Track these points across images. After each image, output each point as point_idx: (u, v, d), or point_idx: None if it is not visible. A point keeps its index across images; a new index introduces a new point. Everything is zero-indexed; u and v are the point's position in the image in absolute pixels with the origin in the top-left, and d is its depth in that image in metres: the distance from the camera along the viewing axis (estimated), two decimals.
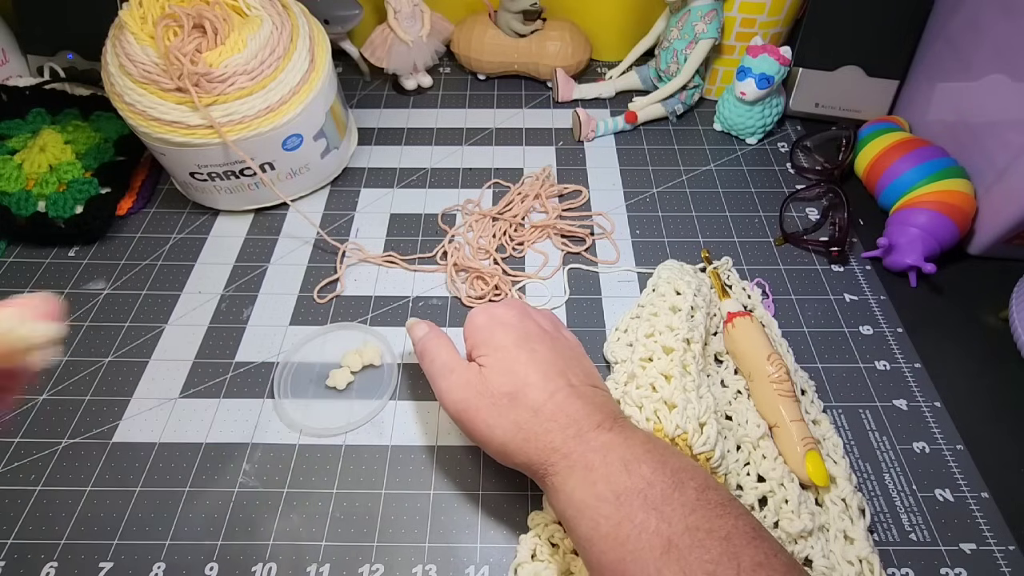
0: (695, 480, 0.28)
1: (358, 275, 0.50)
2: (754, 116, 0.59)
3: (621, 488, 0.28)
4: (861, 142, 0.56)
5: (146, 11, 0.46)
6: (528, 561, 0.34)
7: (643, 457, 0.29)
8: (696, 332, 0.41)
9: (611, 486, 0.28)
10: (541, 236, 0.53)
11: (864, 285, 0.49)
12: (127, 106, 0.47)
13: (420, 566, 0.35)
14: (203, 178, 0.51)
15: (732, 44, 0.61)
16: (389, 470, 0.39)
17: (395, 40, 0.64)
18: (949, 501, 0.38)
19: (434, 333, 0.38)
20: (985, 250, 0.50)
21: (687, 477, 0.28)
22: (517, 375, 0.33)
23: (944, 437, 0.40)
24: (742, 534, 0.26)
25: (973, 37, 0.51)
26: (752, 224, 0.54)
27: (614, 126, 0.62)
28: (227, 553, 0.36)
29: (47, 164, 0.52)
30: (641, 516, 0.27)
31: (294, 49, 0.49)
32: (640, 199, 0.56)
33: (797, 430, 0.37)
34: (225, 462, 0.39)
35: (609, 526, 0.27)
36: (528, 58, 0.66)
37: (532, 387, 0.32)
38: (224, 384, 0.43)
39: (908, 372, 0.44)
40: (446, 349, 0.36)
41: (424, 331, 0.38)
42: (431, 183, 0.58)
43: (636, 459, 0.29)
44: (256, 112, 0.47)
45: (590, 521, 0.28)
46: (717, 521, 0.26)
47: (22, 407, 0.42)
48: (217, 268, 0.51)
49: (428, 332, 0.38)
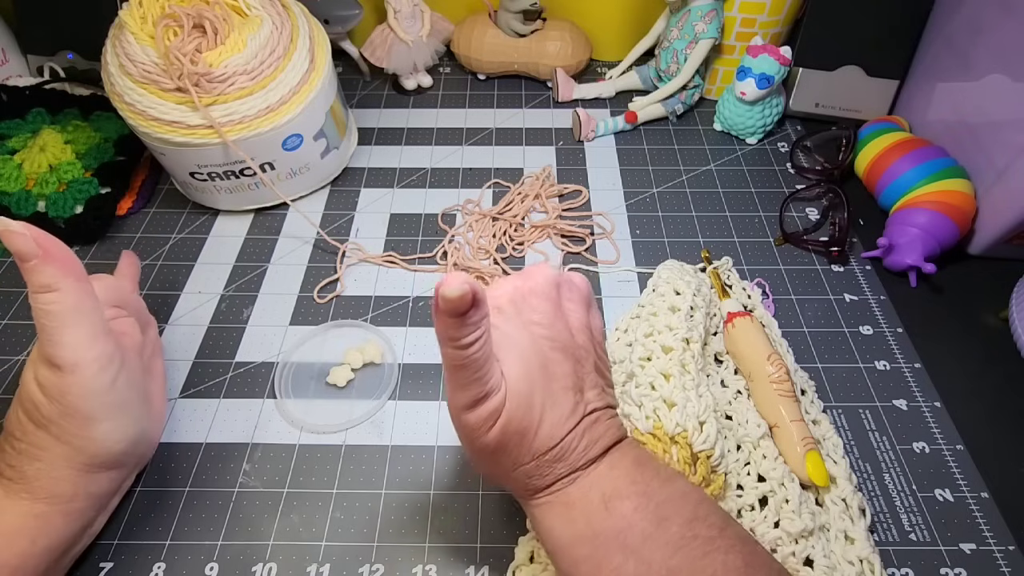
0: (681, 514, 0.26)
1: (358, 275, 0.50)
2: (754, 116, 0.59)
3: (599, 528, 0.26)
4: (861, 142, 0.56)
5: (146, 11, 0.46)
6: (526, 564, 0.34)
7: (626, 491, 0.27)
8: (695, 332, 0.41)
9: (590, 526, 0.27)
10: (541, 236, 0.53)
11: (864, 285, 0.49)
12: (127, 106, 0.47)
13: (420, 566, 0.35)
14: (203, 178, 0.51)
15: (732, 44, 0.61)
16: (389, 470, 0.39)
17: (395, 40, 0.64)
18: (949, 501, 0.38)
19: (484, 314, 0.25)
20: (985, 250, 0.50)
21: (672, 512, 0.26)
22: (533, 412, 0.27)
23: (944, 437, 0.40)
24: (731, 571, 0.25)
25: (973, 37, 0.51)
26: (752, 224, 0.54)
27: (614, 126, 0.62)
28: (227, 553, 0.36)
29: (47, 164, 0.52)
30: (619, 559, 0.25)
31: (294, 49, 0.49)
32: (640, 199, 0.56)
33: (797, 430, 0.37)
34: (225, 462, 0.39)
35: (588, 567, 0.26)
36: (528, 58, 0.66)
37: (543, 429, 0.27)
38: (224, 384, 0.43)
39: (908, 372, 0.44)
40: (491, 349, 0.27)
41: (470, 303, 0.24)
42: (431, 183, 0.58)
43: (617, 494, 0.27)
44: (256, 112, 0.47)
45: (569, 561, 0.27)
46: (701, 561, 0.25)
47: None
48: (217, 268, 0.51)
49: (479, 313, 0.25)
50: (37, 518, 0.31)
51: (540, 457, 0.28)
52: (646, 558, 0.25)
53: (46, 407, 0.30)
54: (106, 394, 0.31)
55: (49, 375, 0.29)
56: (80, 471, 0.32)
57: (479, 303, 0.24)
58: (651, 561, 0.25)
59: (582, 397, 0.29)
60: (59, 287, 0.29)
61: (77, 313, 0.30)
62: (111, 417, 0.32)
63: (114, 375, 0.32)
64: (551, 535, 0.28)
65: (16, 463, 0.30)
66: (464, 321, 0.24)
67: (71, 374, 0.30)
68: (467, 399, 0.26)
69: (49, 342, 0.29)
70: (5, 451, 0.31)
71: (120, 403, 0.33)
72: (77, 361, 0.30)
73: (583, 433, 0.28)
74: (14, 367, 0.44)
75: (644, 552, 0.25)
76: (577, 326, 0.30)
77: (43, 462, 0.30)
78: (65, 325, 0.29)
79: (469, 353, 0.25)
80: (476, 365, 0.25)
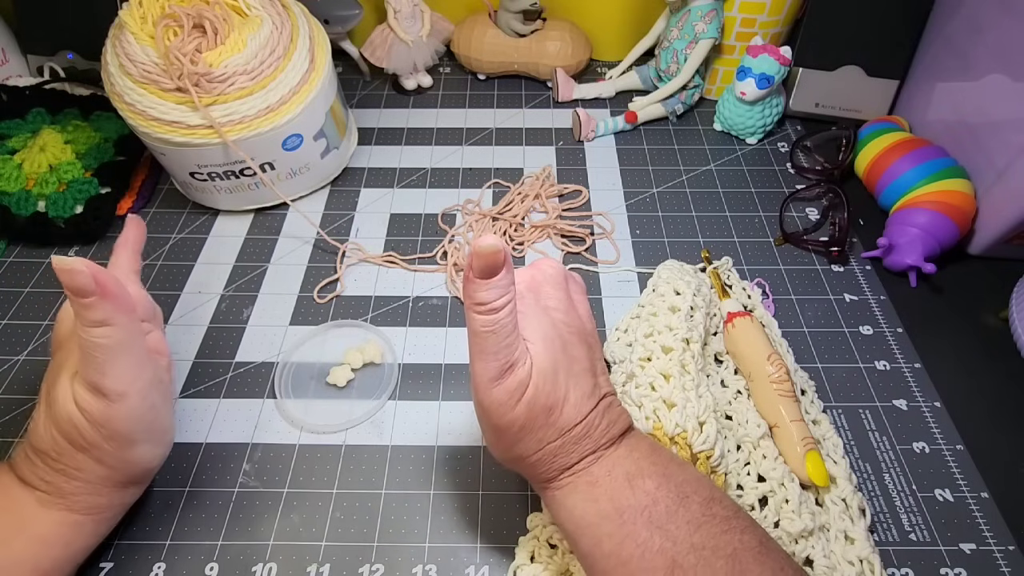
0: (700, 494, 0.27)
1: (358, 275, 0.50)
2: (754, 116, 0.59)
3: (624, 505, 0.27)
4: (861, 142, 0.56)
5: (146, 11, 0.46)
6: (527, 564, 0.34)
7: (648, 471, 0.28)
8: (695, 332, 0.41)
9: (614, 503, 0.27)
10: (541, 236, 0.53)
11: (864, 285, 0.49)
12: (127, 106, 0.47)
13: (420, 566, 0.35)
14: (203, 178, 0.51)
15: (732, 44, 0.61)
16: (389, 470, 0.39)
17: (395, 40, 0.64)
18: (949, 501, 0.38)
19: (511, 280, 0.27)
20: (985, 250, 0.50)
21: (691, 491, 0.27)
22: (559, 388, 0.28)
23: (944, 437, 0.40)
24: (748, 550, 0.26)
25: (973, 37, 0.51)
26: (752, 224, 0.54)
27: (614, 126, 0.62)
28: (227, 553, 0.36)
29: (47, 164, 0.52)
30: (645, 535, 0.26)
31: (294, 49, 0.49)
32: (640, 199, 0.56)
33: (797, 430, 0.37)
34: (225, 462, 0.39)
35: (612, 544, 0.27)
36: (528, 58, 0.66)
37: (569, 405, 0.28)
38: (224, 384, 0.43)
39: (908, 372, 0.44)
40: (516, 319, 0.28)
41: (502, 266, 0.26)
42: (431, 183, 0.58)
43: (640, 473, 0.28)
44: (256, 112, 0.47)
45: (592, 539, 0.27)
46: (723, 538, 0.26)
47: (22, 407, 0.42)
48: (217, 268, 0.51)
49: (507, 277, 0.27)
50: (72, 526, 0.31)
51: (567, 433, 0.28)
52: (672, 534, 0.26)
53: (89, 433, 0.30)
54: (147, 418, 0.32)
55: (94, 402, 0.30)
56: (116, 487, 0.33)
57: (509, 266, 0.26)
58: (676, 537, 0.26)
59: (598, 381, 0.30)
60: (113, 322, 0.29)
61: (127, 346, 0.30)
62: (150, 439, 0.33)
63: (154, 399, 0.32)
64: (573, 514, 0.28)
65: (52, 479, 0.31)
66: (496, 283, 0.26)
67: (117, 403, 0.30)
68: (495, 369, 0.27)
69: (97, 372, 0.29)
70: (37, 466, 0.31)
71: (157, 423, 0.33)
72: (124, 391, 0.30)
73: (603, 412, 0.29)
74: (14, 367, 0.44)
75: (670, 527, 0.26)
76: (585, 315, 0.32)
77: (81, 481, 0.31)
78: (115, 357, 0.29)
79: (499, 317, 0.26)
80: (505, 331, 0.27)
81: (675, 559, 0.25)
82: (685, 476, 0.28)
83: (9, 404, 0.42)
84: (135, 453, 0.32)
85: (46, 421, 0.30)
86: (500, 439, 0.29)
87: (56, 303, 0.48)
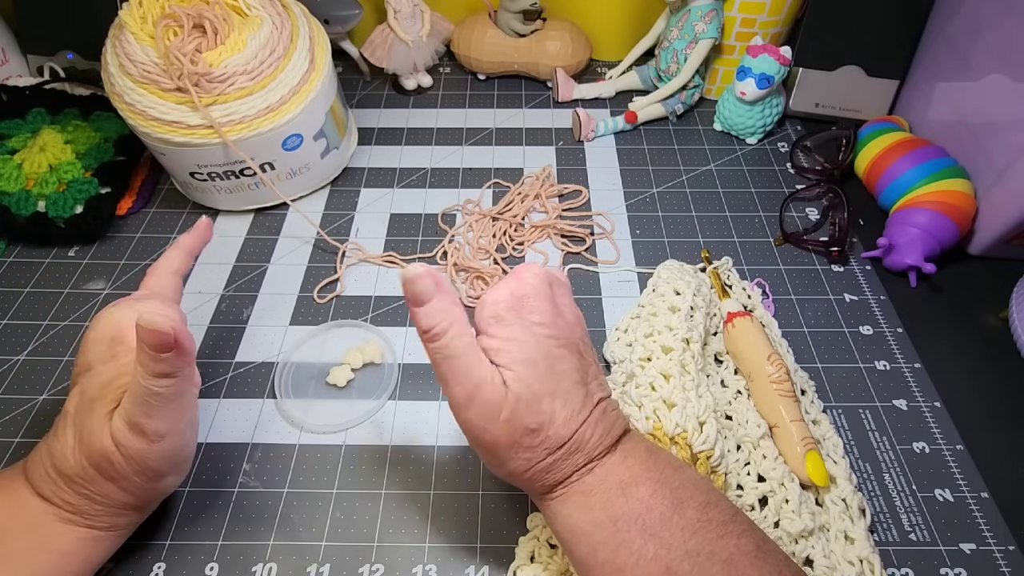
0: (696, 499, 0.27)
1: (358, 275, 0.50)
2: (754, 116, 0.59)
3: (618, 513, 0.27)
4: (861, 142, 0.56)
5: (146, 11, 0.46)
6: (527, 564, 0.34)
7: (642, 478, 0.28)
8: (695, 332, 0.41)
9: (608, 511, 0.27)
10: (541, 236, 0.53)
11: (864, 285, 0.49)
12: (127, 106, 0.47)
13: (420, 566, 0.35)
14: (203, 178, 0.51)
15: (732, 44, 0.61)
16: (389, 470, 0.39)
17: (395, 40, 0.64)
18: (949, 501, 0.38)
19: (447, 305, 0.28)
20: (985, 250, 0.50)
21: (687, 496, 0.27)
22: (543, 408, 0.28)
23: (944, 437, 0.40)
24: (744, 554, 0.25)
25: (973, 37, 0.51)
26: (752, 224, 0.54)
27: (614, 126, 0.62)
28: (227, 553, 0.36)
29: (47, 164, 0.52)
30: (639, 542, 0.26)
31: (294, 49, 0.49)
32: (640, 199, 0.56)
33: (797, 430, 0.37)
34: (225, 462, 0.39)
35: (606, 552, 0.27)
36: (528, 58, 0.66)
37: (557, 424, 0.28)
38: (224, 384, 0.43)
39: (908, 372, 0.44)
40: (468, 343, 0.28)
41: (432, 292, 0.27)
42: (431, 183, 0.58)
43: (634, 480, 0.28)
44: (256, 112, 0.47)
45: (586, 547, 0.27)
46: (719, 543, 0.26)
47: (22, 407, 0.42)
48: (217, 268, 0.51)
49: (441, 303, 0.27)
50: (93, 541, 0.32)
51: (557, 451, 0.28)
52: (666, 541, 0.26)
53: (122, 466, 0.30)
54: (179, 455, 0.33)
55: (134, 441, 0.30)
56: (136, 510, 0.33)
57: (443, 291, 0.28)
58: (671, 544, 0.26)
59: (589, 389, 0.30)
60: (178, 375, 0.29)
61: (180, 393, 0.31)
62: (176, 471, 0.34)
63: (188, 436, 0.33)
64: (568, 523, 0.28)
65: (75, 502, 0.31)
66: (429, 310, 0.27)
67: (157, 443, 0.30)
68: (461, 395, 0.28)
69: (145, 415, 0.29)
70: (60, 488, 0.31)
71: (184, 455, 0.34)
72: (167, 433, 0.30)
73: (595, 423, 0.29)
74: (14, 367, 0.44)
75: (664, 535, 0.26)
76: (573, 320, 0.31)
77: (104, 506, 0.31)
78: (167, 402, 0.30)
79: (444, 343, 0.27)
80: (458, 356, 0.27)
81: (669, 566, 0.25)
82: (681, 480, 0.28)
83: (9, 404, 0.42)
84: (162, 484, 0.33)
85: (76, 450, 0.30)
86: (489, 458, 0.30)
87: (56, 303, 0.48)
